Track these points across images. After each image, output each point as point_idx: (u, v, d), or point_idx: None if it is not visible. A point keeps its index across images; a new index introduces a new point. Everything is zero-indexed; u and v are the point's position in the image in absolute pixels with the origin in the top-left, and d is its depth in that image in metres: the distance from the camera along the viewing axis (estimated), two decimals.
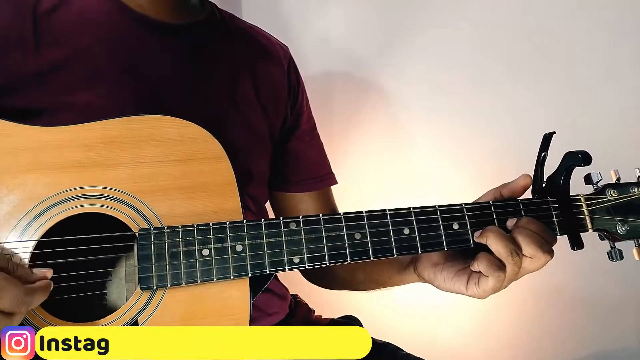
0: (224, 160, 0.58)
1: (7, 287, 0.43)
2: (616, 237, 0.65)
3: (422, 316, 1.20)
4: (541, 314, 1.23)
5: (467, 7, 1.16)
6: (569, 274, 1.19)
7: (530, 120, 1.16)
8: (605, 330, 1.25)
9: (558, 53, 1.17)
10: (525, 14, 1.17)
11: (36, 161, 0.53)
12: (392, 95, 1.19)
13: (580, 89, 1.17)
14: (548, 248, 0.57)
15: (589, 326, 1.25)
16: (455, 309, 1.21)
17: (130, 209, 0.54)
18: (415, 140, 1.19)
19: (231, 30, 0.76)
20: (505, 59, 1.17)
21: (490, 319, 1.23)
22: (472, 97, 1.18)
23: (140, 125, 0.57)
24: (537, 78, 1.18)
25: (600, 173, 0.66)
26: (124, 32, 0.64)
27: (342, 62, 1.18)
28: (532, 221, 0.59)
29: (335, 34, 1.17)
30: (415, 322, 1.19)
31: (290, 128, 0.80)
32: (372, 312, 0.94)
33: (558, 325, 1.24)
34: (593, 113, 1.18)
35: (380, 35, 1.17)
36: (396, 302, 0.83)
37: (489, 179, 0.68)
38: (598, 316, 1.24)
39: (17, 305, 0.44)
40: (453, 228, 0.60)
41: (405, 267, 0.70)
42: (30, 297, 0.45)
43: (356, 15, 1.17)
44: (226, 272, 0.54)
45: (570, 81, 1.18)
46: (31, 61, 0.59)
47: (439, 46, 1.17)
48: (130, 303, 0.52)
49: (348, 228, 0.57)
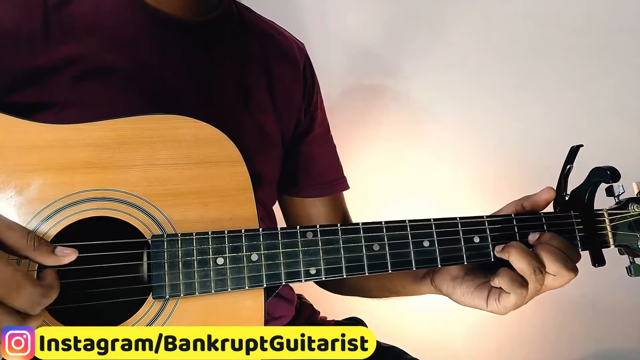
0: (240, 164, 0.56)
1: (24, 284, 0.41)
2: (636, 253, 0.64)
3: (428, 319, 1.20)
4: (542, 315, 1.23)
5: (468, 8, 1.14)
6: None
7: (533, 124, 1.15)
8: (606, 331, 1.25)
9: (566, 54, 1.15)
10: (528, 15, 1.15)
11: (45, 160, 0.51)
12: (395, 98, 1.17)
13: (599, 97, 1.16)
14: (572, 265, 0.56)
15: (590, 326, 1.25)
16: (460, 312, 1.19)
17: (142, 214, 0.52)
18: (417, 141, 1.18)
19: (247, 26, 0.72)
20: (507, 59, 1.16)
21: (493, 321, 1.22)
22: (474, 99, 1.17)
23: (153, 125, 0.54)
24: (535, 79, 1.16)
25: (622, 185, 0.64)
26: (137, 28, 0.62)
27: (347, 65, 1.16)
28: (555, 237, 0.57)
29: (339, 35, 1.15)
30: (420, 325, 1.19)
31: (303, 131, 0.78)
32: (377, 314, 0.93)
33: (559, 325, 1.24)
34: (612, 122, 1.16)
35: (385, 38, 1.16)
36: (401, 305, 0.82)
37: (491, 181, 0.66)
38: (599, 316, 1.24)
39: (33, 306, 0.42)
40: (474, 241, 0.58)
41: (421, 278, 0.68)
42: (47, 299, 0.43)
43: (359, 16, 1.15)
44: (241, 282, 0.52)
45: (576, 81, 1.16)
46: (41, 56, 0.57)
47: (441, 48, 1.16)
48: (142, 312, 0.50)
49: (366, 239, 0.55)
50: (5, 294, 0.41)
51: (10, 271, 0.41)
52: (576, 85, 1.16)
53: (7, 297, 0.41)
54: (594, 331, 1.25)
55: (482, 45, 1.15)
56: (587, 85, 1.16)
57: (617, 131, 1.16)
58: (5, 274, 0.41)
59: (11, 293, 0.41)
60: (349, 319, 0.86)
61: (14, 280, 0.41)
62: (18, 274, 0.42)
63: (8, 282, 0.41)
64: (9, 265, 0.42)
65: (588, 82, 1.16)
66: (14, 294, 0.41)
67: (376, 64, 1.16)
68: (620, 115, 1.17)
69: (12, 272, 0.41)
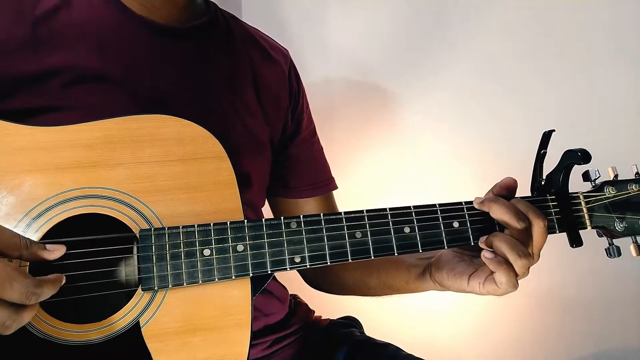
0: (224, 159, 0.58)
1: (17, 277, 0.42)
2: (614, 234, 0.66)
3: (423, 317, 1.20)
4: (541, 315, 1.24)
5: (466, 7, 1.17)
6: (568, 274, 1.20)
7: (529, 118, 1.16)
8: (605, 330, 1.25)
9: (558, 51, 1.18)
10: (530, 15, 1.17)
11: (35, 161, 0.53)
12: (392, 96, 1.19)
13: (578, 86, 1.18)
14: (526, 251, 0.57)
15: (589, 326, 1.25)
16: (456, 310, 1.21)
17: (130, 210, 0.54)
18: (415, 140, 1.19)
19: (233, 33, 0.75)
20: (510, 56, 1.18)
21: (491, 319, 1.23)
22: (473, 97, 1.18)
23: (139, 124, 0.56)
24: (535, 76, 1.18)
25: (598, 170, 0.66)
26: (125, 35, 0.64)
27: (342, 65, 1.18)
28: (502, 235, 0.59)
29: (334, 36, 1.17)
30: (416, 322, 1.19)
31: (290, 134, 0.80)
32: (372, 312, 0.94)
33: (557, 325, 1.24)
34: (591, 110, 1.18)
35: (380, 37, 1.17)
36: (396, 303, 0.82)
37: (491, 178, 0.68)
38: (597, 316, 1.24)
39: (27, 297, 0.43)
40: (453, 226, 0.60)
41: (422, 274, 0.69)
42: (41, 289, 0.44)
43: (355, 17, 1.17)
44: (227, 272, 0.54)
45: (567, 77, 1.18)
46: (30, 64, 0.59)
47: (438, 47, 1.17)
48: (132, 304, 0.52)
49: (349, 227, 0.57)
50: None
51: (1, 266, 0.42)
52: (574, 82, 1.18)
53: (1, 290, 0.42)
54: (594, 331, 1.25)
55: (484, 42, 1.16)
56: (585, 83, 1.18)
57: (615, 128, 1.17)
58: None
59: (4, 286, 0.42)
60: (344, 318, 0.87)
61: (6, 273, 0.42)
62: (9, 268, 0.43)
63: (1, 275, 0.42)
64: (0, 262, 0.43)
65: (586, 79, 1.18)
66: (7, 285, 0.42)
67: (377, 64, 1.18)
68: (618, 112, 1.18)
69: (3, 266, 0.42)
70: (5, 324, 0.42)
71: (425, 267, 0.68)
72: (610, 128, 1.17)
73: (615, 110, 1.18)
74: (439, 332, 1.21)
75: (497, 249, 0.57)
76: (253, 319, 0.55)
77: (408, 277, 0.71)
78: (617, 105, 1.18)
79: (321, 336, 0.80)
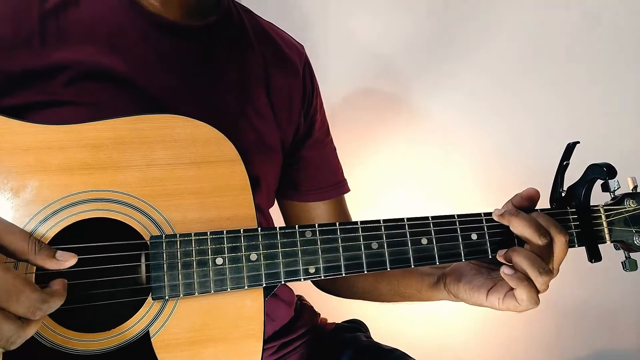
0: (237, 163, 0.56)
1: (24, 290, 0.41)
2: (632, 248, 0.65)
3: (430, 321, 1.19)
4: (543, 318, 1.24)
5: (476, 12, 1.14)
6: (568, 275, 1.19)
7: (539, 123, 1.15)
8: (605, 331, 1.26)
9: (577, 52, 1.16)
10: (534, 16, 1.16)
11: (42, 162, 0.50)
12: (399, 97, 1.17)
13: (595, 92, 1.16)
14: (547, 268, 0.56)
15: (589, 327, 1.25)
16: (461, 315, 1.20)
17: (140, 215, 0.52)
18: (423, 141, 1.18)
19: (247, 30, 0.72)
20: (515, 57, 1.16)
21: (496, 325, 1.23)
22: (477, 98, 1.17)
23: (150, 125, 0.54)
24: (550, 80, 1.17)
25: (618, 181, 0.65)
26: (135, 32, 0.61)
27: (356, 66, 1.16)
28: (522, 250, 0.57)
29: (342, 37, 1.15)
30: (422, 327, 1.19)
31: (302, 136, 0.77)
32: (378, 316, 0.93)
33: (559, 327, 1.25)
34: (609, 118, 1.17)
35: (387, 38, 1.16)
36: (403, 308, 0.82)
37: (496, 181, 0.66)
38: (598, 317, 1.25)
39: (33, 312, 0.42)
40: (472, 238, 0.58)
41: (435, 283, 0.67)
42: (47, 305, 0.43)
43: (362, 18, 1.15)
44: (240, 282, 0.52)
45: (587, 81, 1.17)
46: (37, 59, 0.56)
47: (446, 47, 1.16)
48: (142, 313, 0.50)
49: (365, 237, 0.55)
50: (5, 300, 0.40)
51: (10, 277, 0.41)
52: (583, 85, 1.17)
53: (7, 303, 0.41)
54: (593, 332, 1.25)
55: (488, 43, 1.15)
56: (593, 85, 1.17)
57: (636, 136, 1.16)
58: (5, 280, 0.41)
59: (11, 299, 0.41)
60: (350, 321, 0.86)
61: (14, 286, 0.41)
62: (18, 280, 0.41)
63: (8, 288, 0.41)
64: (8, 272, 0.41)
65: (595, 82, 1.17)
66: (14, 299, 0.41)
67: (379, 64, 1.16)
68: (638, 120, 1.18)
69: (12, 278, 0.41)
70: (10, 339, 0.41)
71: (439, 276, 0.67)
72: (631, 136, 1.15)
73: (634, 117, 1.16)
74: (446, 338, 1.21)
75: (517, 264, 0.56)
76: (265, 330, 0.53)
77: (420, 286, 0.70)
78: (636, 111, 1.17)
79: (327, 340, 0.79)
